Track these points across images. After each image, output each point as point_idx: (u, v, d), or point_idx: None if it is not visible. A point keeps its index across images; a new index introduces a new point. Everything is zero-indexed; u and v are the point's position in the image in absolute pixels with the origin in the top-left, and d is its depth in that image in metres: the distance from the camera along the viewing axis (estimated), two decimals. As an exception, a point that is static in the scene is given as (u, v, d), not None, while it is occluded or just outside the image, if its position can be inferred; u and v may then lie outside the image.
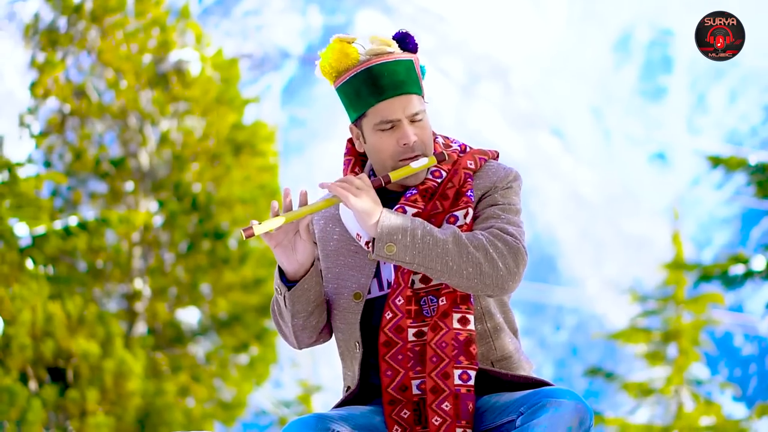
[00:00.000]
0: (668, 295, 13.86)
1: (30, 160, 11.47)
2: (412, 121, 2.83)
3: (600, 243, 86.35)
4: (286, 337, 2.97)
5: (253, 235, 2.71)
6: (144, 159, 12.75)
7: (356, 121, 2.88)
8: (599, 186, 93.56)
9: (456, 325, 2.79)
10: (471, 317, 2.80)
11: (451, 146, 2.94)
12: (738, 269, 11.26)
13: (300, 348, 2.98)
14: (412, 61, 2.85)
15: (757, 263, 11.19)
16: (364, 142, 2.88)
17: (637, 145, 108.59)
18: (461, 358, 2.77)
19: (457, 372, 2.77)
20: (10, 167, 9.59)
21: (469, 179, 2.87)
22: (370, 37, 2.86)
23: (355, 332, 2.87)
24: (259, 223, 2.73)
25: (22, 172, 9.77)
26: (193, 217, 12.62)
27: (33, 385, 9.38)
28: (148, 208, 12.61)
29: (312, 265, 2.84)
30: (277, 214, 2.76)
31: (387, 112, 2.81)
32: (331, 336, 2.99)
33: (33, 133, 12.53)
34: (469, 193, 2.85)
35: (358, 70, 2.82)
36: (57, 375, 9.57)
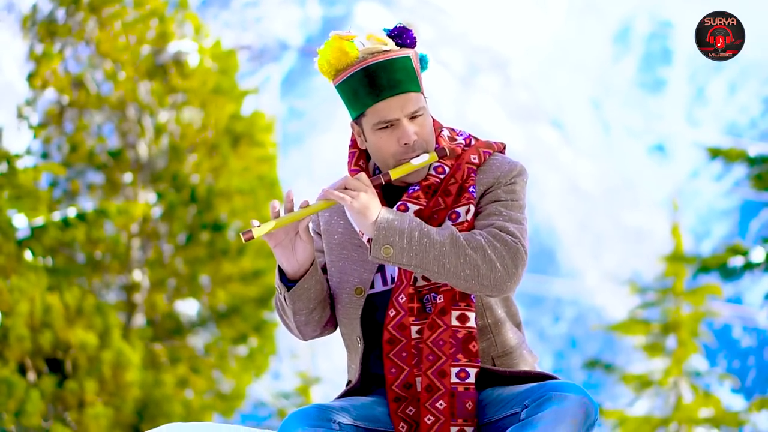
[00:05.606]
0: (667, 286, 13.87)
1: (28, 152, 11.45)
2: (412, 119, 2.78)
3: (599, 235, 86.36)
4: (290, 330, 2.96)
5: (252, 237, 2.69)
6: (142, 150, 12.73)
7: (356, 119, 2.84)
8: (598, 178, 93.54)
9: (454, 322, 2.76)
10: (471, 314, 2.77)
11: (456, 139, 2.89)
12: (737, 261, 11.27)
13: (306, 340, 2.97)
14: (409, 57, 2.79)
15: (756, 255, 11.20)
16: (365, 141, 2.84)
17: (636, 137, 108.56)
18: (459, 355, 2.74)
19: (454, 370, 2.73)
20: (8, 159, 9.60)
21: (472, 174, 2.82)
22: (367, 35, 2.79)
23: (356, 327, 2.86)
24: (258, 225, 2.72)
25: (21, 164, 9.78)
26: (192, 209, 12.60)
27: (31, 376, 9.38)
28: (147, 199, 12.59)
29: (311, 265, 2.82)
30: (277, 215, 2.74)
31: (385, 113, 2.76)
32: (335, 328, 2.97)
33: (31, 125, 12.51)
34: (471, 189, 2.80)
35: (355, 70, 2.76)
36: (55, 366, 9.57)
